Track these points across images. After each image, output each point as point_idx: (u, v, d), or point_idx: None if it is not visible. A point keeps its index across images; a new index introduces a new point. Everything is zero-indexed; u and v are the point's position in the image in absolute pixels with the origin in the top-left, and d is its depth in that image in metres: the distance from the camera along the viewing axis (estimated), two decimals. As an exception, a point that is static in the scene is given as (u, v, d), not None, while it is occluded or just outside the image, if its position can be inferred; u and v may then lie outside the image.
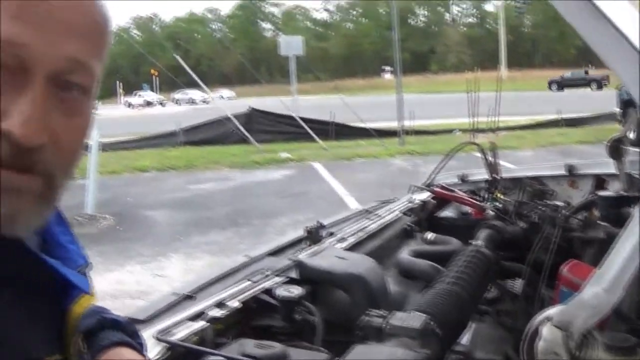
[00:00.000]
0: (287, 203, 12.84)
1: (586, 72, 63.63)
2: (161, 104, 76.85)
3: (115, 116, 42.76)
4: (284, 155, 19.73)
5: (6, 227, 0.93)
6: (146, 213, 12.55)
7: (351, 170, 16.96)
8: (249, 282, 2.06)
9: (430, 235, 2.91)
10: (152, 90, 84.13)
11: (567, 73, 67.24)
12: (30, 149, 0.90)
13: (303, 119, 23.50)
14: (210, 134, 23.82)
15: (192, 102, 71.25)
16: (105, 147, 19.15)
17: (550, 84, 67.55)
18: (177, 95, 76.78)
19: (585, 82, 62.43)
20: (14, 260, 0.98)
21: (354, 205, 11.22)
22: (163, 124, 24.47)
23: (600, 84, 57.78)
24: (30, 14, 0.90)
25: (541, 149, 19.32)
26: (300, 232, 2.69)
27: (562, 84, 65.29)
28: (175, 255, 9.46)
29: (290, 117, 24.00)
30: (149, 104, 75.96)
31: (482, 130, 21.65)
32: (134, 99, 78.40)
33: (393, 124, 23.56)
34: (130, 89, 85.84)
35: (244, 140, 22.35)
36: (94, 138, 12.53)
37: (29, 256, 1.01)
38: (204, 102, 59.24)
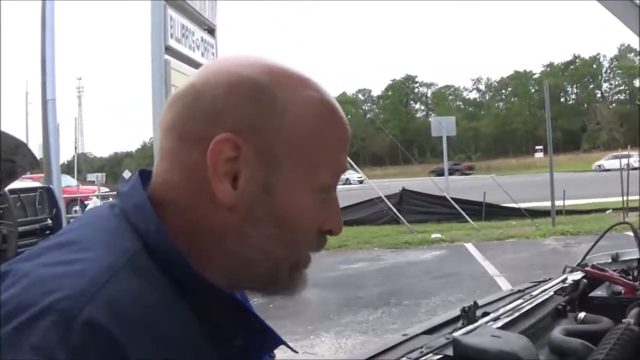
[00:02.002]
0: (438, 283, 12.71)
1: (457, 164, 75.65)
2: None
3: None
4: (436, 235, 19.60)
5: (294, 294, 1.19)
6: (299, 291, 12.61)
7: (503, 250, 16.66)
8: (405, 359, 2.13)
9: (582, 315, 2.92)
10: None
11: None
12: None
13: (455, 200, 23.31)
14: (362, 214, 23.76)
15: (347, 182, 72.05)
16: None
17: (430, 172, 75.28)
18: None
19: (451, 171, 67.55)
20: (230, 314, 1.13)
21: (505, 285, 11.07)
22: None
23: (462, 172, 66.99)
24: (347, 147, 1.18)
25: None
26: (451, 312, 2.74)
27: (438, 173, 72.52)
28: (326, 334, 9.52)
29: (442, 198, 23.81)
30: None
31: (634, 209, 21.04)
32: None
33: (545, 204, 23.18)
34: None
35: (395, 221, 22.34)
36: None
37: (244, 313, 1.17)
38: (359, 182, 59.88)
